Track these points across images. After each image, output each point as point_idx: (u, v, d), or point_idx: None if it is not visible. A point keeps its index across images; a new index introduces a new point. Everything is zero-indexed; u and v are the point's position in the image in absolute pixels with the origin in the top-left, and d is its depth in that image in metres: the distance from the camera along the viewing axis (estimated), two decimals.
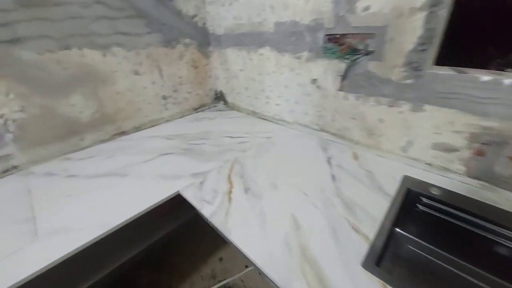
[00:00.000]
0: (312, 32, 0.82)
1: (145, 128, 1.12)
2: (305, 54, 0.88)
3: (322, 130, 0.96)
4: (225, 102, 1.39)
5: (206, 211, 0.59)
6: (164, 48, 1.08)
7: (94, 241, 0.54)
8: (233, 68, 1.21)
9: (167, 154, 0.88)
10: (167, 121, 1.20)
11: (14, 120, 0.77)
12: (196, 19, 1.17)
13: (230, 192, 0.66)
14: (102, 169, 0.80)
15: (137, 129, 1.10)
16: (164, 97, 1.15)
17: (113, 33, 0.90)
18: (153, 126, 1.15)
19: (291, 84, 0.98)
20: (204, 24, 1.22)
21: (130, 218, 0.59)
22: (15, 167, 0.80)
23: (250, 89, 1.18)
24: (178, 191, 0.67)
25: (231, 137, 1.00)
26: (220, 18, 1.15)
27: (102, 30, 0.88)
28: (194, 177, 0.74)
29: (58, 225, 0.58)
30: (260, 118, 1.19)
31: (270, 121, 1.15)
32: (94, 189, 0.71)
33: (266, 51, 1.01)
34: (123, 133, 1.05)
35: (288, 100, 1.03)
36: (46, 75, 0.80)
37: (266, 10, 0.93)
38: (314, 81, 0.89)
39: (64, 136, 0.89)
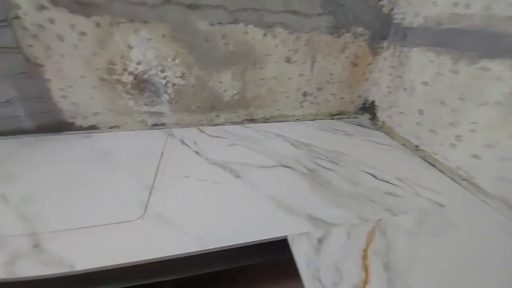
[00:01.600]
0: None
1: (273, 122, 1.01)
2: None
3: None
4: (373, 117, 1.05)
5: None
6: (328, 35, 0.86)
7: (185, 255, 0.46)
8: (411, 76, 0.84)
9: (288, 167, 0.72)
10: (297, 120, 1.04)
11: (173, 84, 0.82)
12: (383, 2, 0.86)
13: None
14: (222, 157, 0.75)
15: (266, 120, 1.00)
16: (305, 94, 0.97)
17: (283, 10, 0.77)
18: (282, 121, 1.02)
19: None
20: (391, 10, 0.89)
21: (226, 247, 0.48)
22: (163, 124, 0.90)
23: (428, 114, 0.78)
24: (287, 236, 0.49)
25: (373, 176, 0.70)
26: (424, 3, 0.78)
27: (275, 5, 0.76)
28: (312, 222, 0.53)
29: (165, 213, 0.54)
30: (426, 160, 0.79)
31: (443, 172, 0.73)
32: (208, 179, 0.66)
33: (499, 65, 0.58)
34: (252, 120, 0.98)
35: (509, 159, 0.58)
36: (210, 48, 0.79)
37: None
38: None
39: (205, 109, 0.90)
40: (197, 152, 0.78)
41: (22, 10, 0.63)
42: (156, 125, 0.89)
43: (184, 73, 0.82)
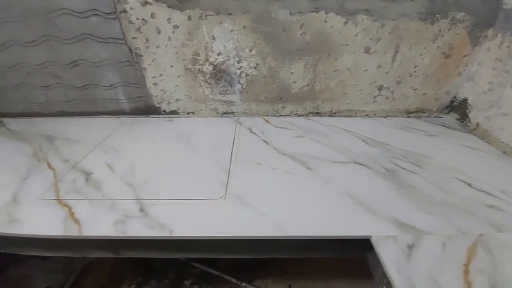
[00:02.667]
0: None
1: (339, 116, 0.96)
2: None
3: None
4: (462, 118, 0.91)
5: None
6: (420, 22, 0.76)
7: (263, 237, 0.48)
8: None
9: (362, 165, 0.68)
10: (366, 115, 0.97)
11: (247, 75, 0.85)
12: None
13: None
14: (290, 148, 0.75)
15: (332, 114, 0.96)
16: (380, 88, 0.90)
17: None
18: (349, 116, 0.96)
19: None
20: None
21: (307, 236, 0.48)
22: (232, 113, 0.94)
23: None
24: (370, 237, 0.47)
25: (469, 185, 0.61)
26: None
27: None
28: (399, 227, 0.49)
29: (244, 195, 0.58)
30: None
31: None
32: (279, 168, 0.67)
33: None
34: (317, 113, 0.96)
35: None
36: (287, 38, 0.79)
37: None
38: None
39: (273, 100, 0.91)
40: (265, 141, 0.79)
41: (129, 5, 0.72)
42: (226, 113, 0.94)
43: (258, 64, 0.83)
